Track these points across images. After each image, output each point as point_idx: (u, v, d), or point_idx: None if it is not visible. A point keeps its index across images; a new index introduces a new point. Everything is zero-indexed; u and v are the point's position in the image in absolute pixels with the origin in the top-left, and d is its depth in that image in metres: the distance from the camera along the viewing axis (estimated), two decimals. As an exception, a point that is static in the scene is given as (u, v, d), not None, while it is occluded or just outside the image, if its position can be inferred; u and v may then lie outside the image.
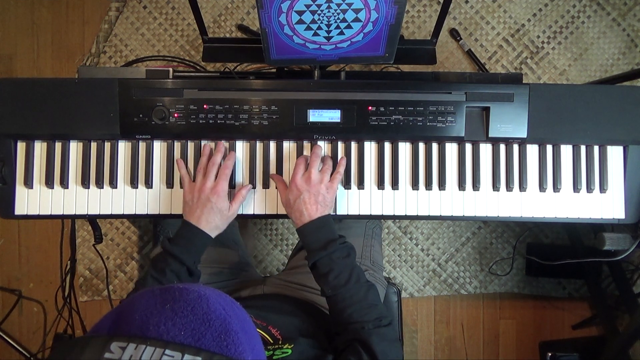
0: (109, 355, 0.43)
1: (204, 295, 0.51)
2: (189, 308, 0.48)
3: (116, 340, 0.45)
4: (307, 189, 0.94)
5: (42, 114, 1.00)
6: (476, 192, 1.06)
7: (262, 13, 0.86)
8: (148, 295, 0.50)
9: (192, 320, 0.47)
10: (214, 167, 0.98)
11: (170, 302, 0.49)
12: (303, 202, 0.93)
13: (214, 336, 0.47)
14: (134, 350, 0.43)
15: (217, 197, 0.95)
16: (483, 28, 1.82)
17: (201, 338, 0.46)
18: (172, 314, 0.47)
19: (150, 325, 0.46)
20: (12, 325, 1.78)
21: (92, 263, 1.77)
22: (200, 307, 0.49)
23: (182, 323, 0.47)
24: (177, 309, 0.48)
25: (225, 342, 0.47)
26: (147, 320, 0.47)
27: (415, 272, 1.81)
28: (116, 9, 1.78)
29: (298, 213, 0.93)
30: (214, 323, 0.48)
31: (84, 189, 1.04)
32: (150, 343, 0.44)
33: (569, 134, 1.04)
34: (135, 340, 0.44)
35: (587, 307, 1.83)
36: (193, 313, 0.48)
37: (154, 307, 0.48)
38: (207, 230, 0.95)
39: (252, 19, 1.80)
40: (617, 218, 1.07)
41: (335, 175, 0.99)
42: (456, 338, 1.83)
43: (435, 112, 1.02)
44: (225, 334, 0.48)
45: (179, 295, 0.49)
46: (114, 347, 0.44)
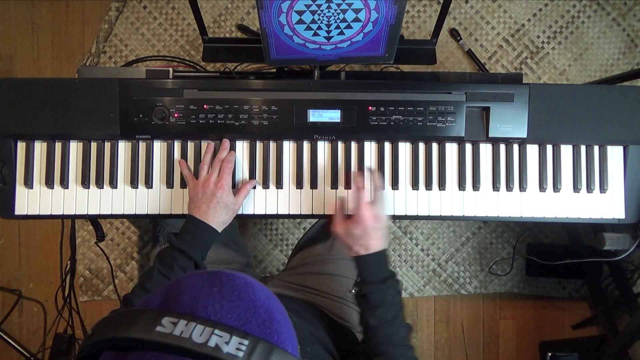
0: (160, 328, 0.44)
1: (250, 282, 0.52)
2: (235, 293, 0.49)
3: (167, 315, 0.45)
4: (374, 226, 0.93)
5: (42, 114, 1.00)
6: (476, 192, 1.06)
7: (262, 13, 0.86)
8: (196, 277, 0.51)
9: (238, 305, 0.48)
10: (218, 162, 0.99)
11: (218, 286, 0.49)
12: (370, 237, 0.92)
13: (259, 323, 0.48)
14: (185, 326, 0.44)
15: (222, 192, 0.96)
16: (483, 28, 1.82)
17: (247, 323, 0.47)
18: (220, 297, 0.48)
19: (199, 305, 0.47)
20: (12, 325, 1.78)
21: (92, 263, 1.77)
22: (246, 293, 0.50)
23: (229, 307, 0.48)
24: (225, 293, 0.49)
25: (269, 330, 0.48)
26: (195, 301, 0.48)
27: (415, 272, 1.81)
28: (116, 9, 1.78)
29: (363, 248, 0.92)
30: (259, 310, 0.49)
31: (84, 189, 1.04)
32: (200, 322, 0.45)
33: (569, 134, 1.04)
34: (185, 318, 0.45)
35: (587, 307, 1.83)
36: (240, 298, 0.49)
37: (202, 289, 0.49)
38: (214, 225, 0.95)
39: (252, 19, 1.80)
40: (617, 218, 1.07)
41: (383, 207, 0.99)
42: (456, 338, 1.83)
43: (435, 112, 1.02)
44: (269, 321, 0.48)
45: (226, 280, 0.50)
46: (166, 321, 0.45)
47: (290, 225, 1.80)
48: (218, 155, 1.01)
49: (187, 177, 1.01)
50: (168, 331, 0.44)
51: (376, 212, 0.94)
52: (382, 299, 0.88)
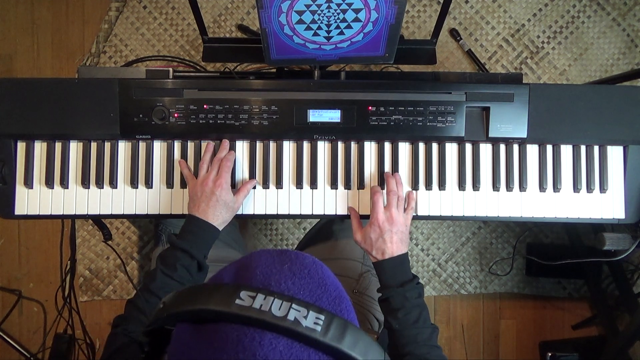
0: (239, 302, 0.44)
1: (318, 261, 0.53)
2: (305, 271, 0.50)
3: (245, 289, 0.45)
4: (389, 229, 0.94)
5: (42, 114, 1.00)
6: (476, 192, 1.06)
7: (262, 13, 0.86)
8: (266, 254, 0.52)
9: (309, 282, 0.49)
10: (217, 161, 0.99)
11: (288, 263, 0.50)
12: (385, 241, 0.93)
13: (330, 300, 0.49)
14: (264, 300, 0.44)
15: (221, 190, 0.96)
16: (483, 28, 1.82)
17: (318, 300, 0.48)
18: (291, 274, 0.49)
19: (272, 281, 0.48)
20: (12, 325, 1.78)
21: (92, 263, 1.77)
22: (315, 271, 0.51)
23: (301, 284, 0.48)
24: (296, 270, 0.50)
25: (340, 307, 0.49)
26: (268, 277, 0.48)
27: (415, 272, 1.80)
28: (116, 9, 1.78)
29: (380, 251, 0.94)
30: (329, 288, 0.50)
31: (84, 189, 1.04)
32: (278, 296, 0.45)
33: (569, 134, 1.04)
34: (263, 292, 0.45)
35: (587, 307, 1.83)
36: (310, 276, 0.50)
37: (273, 266, 0.50)
38: (214, 223, 0.95)
39: (252, 19, 1.80)
40: (617, 218, 1.07)
41: (409, 210, 1.00)
42: (456, 338, 1.83)
43: (435, 112, 1.02)
44: (339, 299, 0.49)
45: (295, 258, 0.51)
46: (244, 295, 0.45)
47: (290, 225, 1.80)
48: (217, 155, 1.01)
49: (187, 176, 1.02)
50: (247, 304, 0.44)
51: (391, 215, 0.95)
52: (402, 302, 0.89)
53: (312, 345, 0.44)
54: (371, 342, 0.47)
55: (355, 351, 0.44)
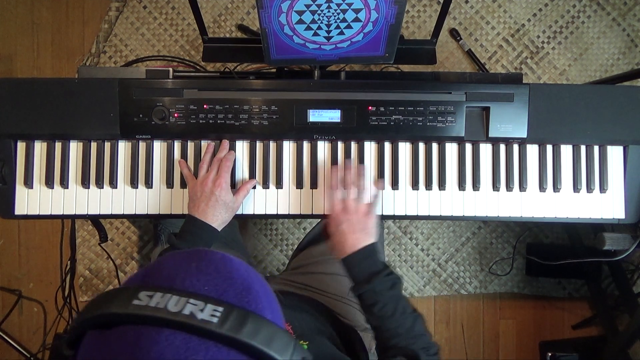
0: (137, 302, 0.45)
1: (227, 257, 0.53)
2: (212, 266, 0.50)
3: (144, 289, 0.46)
4: (346, 219, 0.92)
5: (42, 114, 1.00)
6: (476, 192, 1.06)
7: (262, 13, 0.86)
8: (175, 255, 0.53)
9: (215, 277, 0.49)
10: (217, 161, 1.00)
11: (196, 261, 0.51)
12: (343, 233, 0.91)
13: (236, 292, 0.49)
14: (160, 298, 0.45)
15: (220, 190, 0.96)
16: (483, 28, 1.82)
17: (224, 293, 0.48)
18: (197, 272, 0.49)
19: (177, 279, 0.48)
20: (12, 325, 1.78)
21: (92, 263, 1.77)
22: (224, 266, 0.51)
23: (207, 279, 0.49)
24: (203, 267, 0.50)
25: (247, 299, 0.49)
26: (174, 276, 0.49)
27: (415, 272, 1.81)
28: (116, 9, 1.78)
29: (340, 245, 0.91)
30: (236, 281, 0.50)
31: (84, 189, 1.04)
32: (175, 293, 0.46)
33: (569, 134, 1.04)
34: (161, 290, 0.46)
35: (587, 307, 1.83)
36: (217, 271, 0.50)
37: (181, 265, 0.50)
38: (214, 224, 0.95)
39: (252, 19, 1.80)
40: (617, 218, 1.07)
41: (374, 200, 0.98)
42: (456, 338, 1.83)
43: (435, 112, 1.02)
44: (246, 291, 0.49)
45: (204, 255, 0.52)
46: (142, 295, 0.46)
47: (290, 225, 1.80)
48: (217, 155, 1.01)
49: (187, 176, 1.02)
50: (144, 304, 0.45)
51: (346, 205, 0.93)
52: (374, 297, 0.87)
53: (209, 337, 0.44)
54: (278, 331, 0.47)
55: (256, 340, 0.44)
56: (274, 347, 0.45)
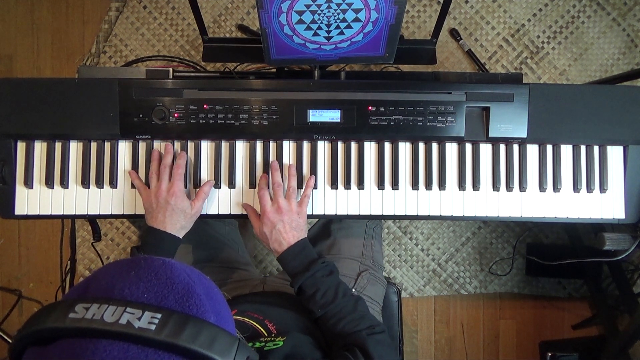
0: (73, 315, 0.45)
1: (168, 262, 0.52)
2: (152, 273, 0.50)
3: (80, 302, 0.46)
4: (279, 219, 0.95)
5: (42, 114, 1.00)
6: (476, 192, 1.06)
7: (262, 13, 0.86)
8: (115, 264, 0.52)
9: (155, 284, 0.49)
10: (166, 169, 0.98)
11: (135, 269, 0.50)
12: (279, 232, 0.95)
13: (176, 298, 0.48)
14: (97, 309, 0.45)
15: (175, 198, 0.95)
16: (483, 28, 1.82)
17: (163, 299, 0.48)
18: (137, 279, 0.49)
19: (115, 289, 0.48)
20: (12, 325, 1.78)
21: (92, 263, 1.77)
22: (164, 272, 0.50)
23: (146, 287, 0.48)
24: (142, 275, 0.50)
25: (188, 303, 0.48)
26: (112, 286, 0.48)
27: (415, 272, 1.81)
28: (116, 9, 1.78)
29: (277, 243, 0.95)
30: (176, 287, 0.49)
31: (84, 189, 1.04)
32: (113, 303, 0.46)
33: (569, 134, 1.04)
34: (98, 301, 0.46)
35: (587, 307, 1.83)
36: (157, 277, 0.50)
37: (120, 274, 0.50)
38: (173, 232, 0.95)
39: (252, 19, 1.80)
40: (617, 218, 1.07)
41: (303, 199, 1.00)
42: (456, 338, 1.83)
43: (435, 112, 1.02)
44: (187, 296, 0.49)
45: (144, 263, 0.51)
46: (79, 307, 0.45)
47: (290, 225, 1.80)
48: (163, 161, 0.99)
49: (139, 188, 1.00)
50: (80, 316, 0.45)
51: (278, 205, 0.95)
52: (315, 284, 0.89)
53: (148, 344, 0.44)
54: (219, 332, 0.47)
55: (196, 344, 0.45)
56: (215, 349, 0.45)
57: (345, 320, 0.87)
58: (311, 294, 0.89)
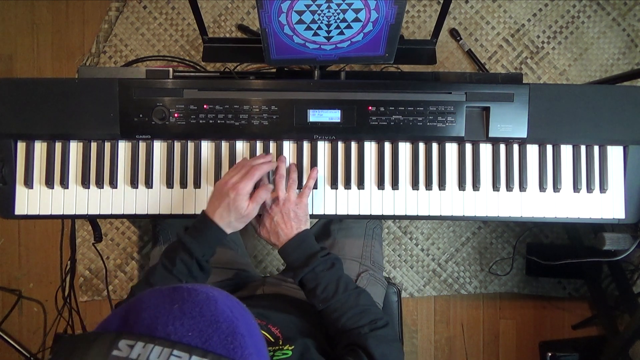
0: (117, 352, 0.43)
1: (212, 296, 0.51)
2: (197, 309, 0.48)
3: (124, 338, 0.44)
4: (278, 210, 0.94)
5: (42, 114, 1.00)
6: (476, 192, 1.06)
7: (262, 13, 0.86)
8: (157, 294, 0.50)
9: (199, 321, 0.47)
10: (246, 166, 0.96)
11: (179, 303, 0.48)
12: (277, 224, 0.93)
13: (221, 339, 0.47)
14: (142, 349, 0.43)
15: (235, 194, 0.91)
16: (483, 28, 1.82)
17: (208, 340, 0.46)
18: (181, 314, 0.47)
19: (159, 325, 0.46)
20: (12, 325, 1.78)
21: (92, 263, 1.77)
22: (208, 308, 0.49)
23: (190, 324, 0.47)
24: (186, 310, 0.48)
25: (232, 345, 0.47)
26: (155, 320, 0.47)
27: (415, 272, 1.81)
28: (116, 9, 1.78)
29: (275, 235, 0.94)
30: (221, 325, 0.48)
31: (84, 189, 1.04)
32: (158, 343, 0.44)
33: (569, 134, 1.04)
34: (143, 339, 0.44)
35: (587, 307, 1.83)
36: (201, 314, 0.48)
37: (163, 307, 0.48)
38: (221, 225, 0.93)
39: (252, 19, 1.80)
40: (617, 218, 1.07)
41: (304, 190, 0.99)
42: (456, 338, 1.83)
43: (435, 112, 1.02)
44: (232, 336, 0.48)
45: (187, 296, 0.49)
46: (122, 344, 0.44)
47: (290, 225, 1.80)
48: (250, 160, 0.98)
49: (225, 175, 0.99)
50: (124, 355, 0.43)
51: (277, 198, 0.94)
52: (315, 279, 0.88)
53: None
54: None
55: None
56: None
57: (346, 315, 0.86)
58: (311, 288, 0.88)
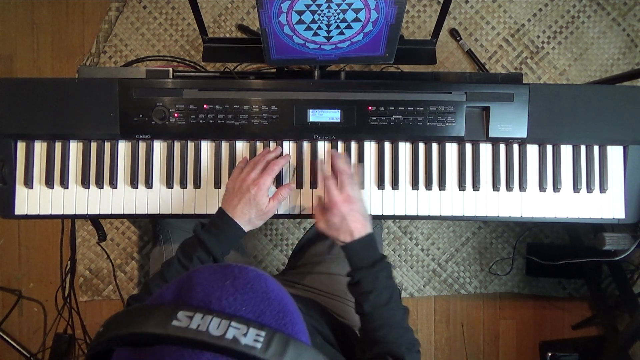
0: (176, 322, 0.44)
1: (261, 274, 0.52)
2: (248, 285, 0.49)
3: (182, 309, 0.45)
4: (350, 209, 0.91)
5: (42, 114, 1.00)
6: (476, 192, 1.06)
7: (262, 13, 0.86)
8: (207, 270, 0.51)
9: (252, 297, 0.48)
10: (264, 161, 0.96)
11: (230, 279, 0.49)
12: (349, 222, 0.90)
13: (273, 314, 0.48)
14: (201, 319, 0.44)
15: (257, 189, 0.92)
16: (483, 28, 1.82)
17: (261, 315, 0.47)
18: (233, 290, 0.48)
19: (213, 299, 0.47)
20: (12, 325, 1.78)
21: (92, 263, 1.77)
22: (259, 285, 0.50)
23: (243, 299, 0.48)
24: (238, 285, 0.49)
25: (284, 321, 0.48)
26: (209, 294, 0.47)
27: (415, 272, 1.81)
28: (116, 9, 1.78)
29: (347, 233, 0.91)
30: (272, 302, 0.49)
31: (84, 189, 1.04)
32: (216, 315, 0.45)
33: (569, 134, 1.04)
34: (201, 311, 0.45)
35: (587, 307, 1.83)
36: (253, 290, 0.49)
37: (215, 283, 0.49)
38: (241, 223, 0.92)
39: (252, 19, 1.80)
40: (617, 218, 1.07)
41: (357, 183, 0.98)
42: (456, 338, 1.83)
43: (435, 112, 1.02)
44: (283, 312, 0.49)
45: (238, 273, 0.50)
46: (181, 315, 0.44)
47: (290, 225, 1.80)
48: (266, 155, 0.98)
49: (235, 169, 0.98)
50: (184, 325, 0.44)
51: (348, 194, 0.92)
52: (374, 283, 0.87)
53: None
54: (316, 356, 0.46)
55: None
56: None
57: (389, 328, 0.85)
58: (367, 290, 0.87)
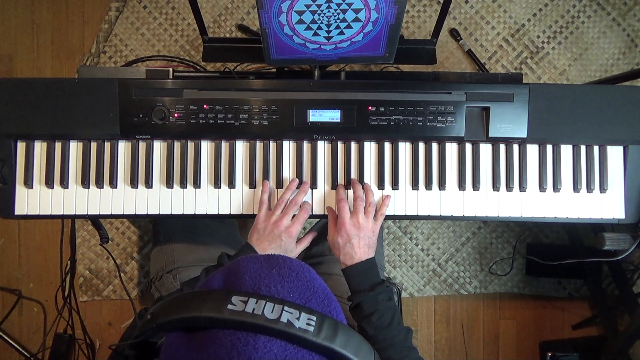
0: (231, 307, 0.45)
1: (304, 265, 0.53)
2: (294, 274, 0.51)
3: (236, 294, 0.46)
4: (356, 234, 0.95)
5: (42, 114, 1.00)
6: (476, 192, 1.06)
7: (262, 13, 0.86)
8: (253, 260, 0.53)
9: (298, 285, 0.50)
10: (295, 207, 0.99)
11: (276, 267, 0.51)
12: (353, 247, 0.95)
13: (319, 301, 0.50)
14: (255, 304, 0.45)
15: (288, 237, 0.96)
16: (483, 28, 1.82)
17: (308, 302, 0.49)
18: (280, 278, 0.50)
19: (262, 285, 0.48)
20: (12, 325, 1.78)
21: (92, 263, 1.77)
22: (303, 274, 0.51)
23: (290, 287, 0.49)
24: (284, 274, 0.50)
25: (329, 308, 0.50)
26: (258, 282, 0.49)
27: (415, 272, 1.81)
28: (116, 9, 1.78)
29: (347, 256, 0.95)
30: (317, 290, 0.51)
31: (84, 189, 1.04)
32: (269, 299, 0.46)
33: (569, 134, 1.04)
34: (254, 296, 0.46)
35: (587, 307, 1.83)
36: (298, 279, 0.50)
37: (262, 271, 0.50)
38: None
39: (252, 19, 1.80)
40: (617, 218, 1.07)
41: (378, 216, 1.00)
42: (456, 338, 1.83)
43: (435, 112, 1.02)
44: (327, 300, 0.50)
45: (283, 262, 0.52)
46: (236, 300, 0.46)
47: (290, 225, 1.80)
48: (295, 198, 1.00)
49: (263, 203, 1.00)
50: (240, 309, 0.45)
51: (358, 220, 0.95)
52: (374, 306, 0.89)
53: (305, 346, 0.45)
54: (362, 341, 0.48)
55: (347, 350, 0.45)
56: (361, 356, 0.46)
57: (395, 347, 0.87)
58: (368, 313, 0.89)
